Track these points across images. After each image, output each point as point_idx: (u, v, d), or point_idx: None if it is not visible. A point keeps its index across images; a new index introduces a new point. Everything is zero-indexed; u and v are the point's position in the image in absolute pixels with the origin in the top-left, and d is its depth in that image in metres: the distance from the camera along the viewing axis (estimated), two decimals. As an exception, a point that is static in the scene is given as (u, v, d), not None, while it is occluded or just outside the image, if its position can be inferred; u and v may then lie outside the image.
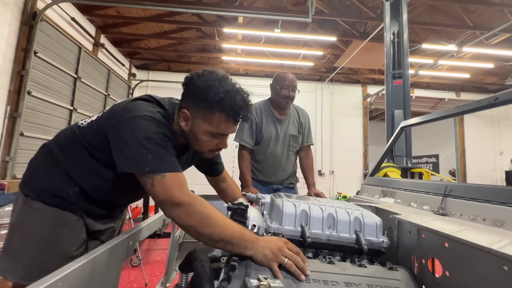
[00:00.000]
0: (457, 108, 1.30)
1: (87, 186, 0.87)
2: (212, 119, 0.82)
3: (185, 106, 0.85)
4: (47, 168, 0.86)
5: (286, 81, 1.75)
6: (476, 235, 0.64)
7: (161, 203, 0.72)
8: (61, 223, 0.84)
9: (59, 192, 0.84)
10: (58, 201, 0.84)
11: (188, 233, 0.74)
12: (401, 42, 2.69)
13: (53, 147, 0.89)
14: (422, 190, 1.19)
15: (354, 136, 7.03)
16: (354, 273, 0.69)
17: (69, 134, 0.89)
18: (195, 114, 0.83)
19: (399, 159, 2.44)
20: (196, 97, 0.82)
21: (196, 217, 0.70)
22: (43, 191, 0.84)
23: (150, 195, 0.75)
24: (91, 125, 0.89)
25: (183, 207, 0.70)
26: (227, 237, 0.69)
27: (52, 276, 0.39)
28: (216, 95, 0.79)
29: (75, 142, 0.87)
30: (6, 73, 3.02)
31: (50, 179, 0.85)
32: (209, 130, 0.83)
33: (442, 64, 5.84)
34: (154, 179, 0.71)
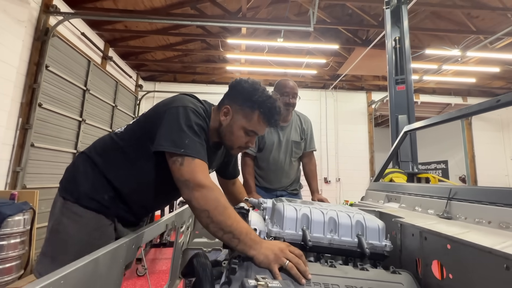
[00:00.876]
0: (460, 111, 1.30)
1: (123, 189, 0.91)
2: (251, 117, 0.95)
3: (228, 103, 0.97)
4: (85, 173, 0.91)
5: (287, 88, 1.78)
6: (479, 236, 0.64)
7: (184, 183, 0.76)
8: (95, 226, 0.88)
9: (96, 196, 0.88)
10: (95, 204, 0.88)
11: (199, 219, 0.76)
12: (402, 47, 2.71)
13: (91, 153, 0.94)
14: (427, 194, 1.18)
15: (360, 143, 6.98)
16: (355, 276, 0.68)
17: (107, 140, 0.96)
18: (237, 110, 0.96)
19: (405, 164, 2.41)
20: (242, 96, 0.95)
21: (213, 203, 0.74)
22: (81, 195, 0.88)
23: (174, 175, 0.79)
24: (130, 127, 0.96)
25: (203, 190, 0.75)
26: (236, 230, 0.71)
27: (55, 274, 0.40)
28: (260, 97, 0.93)
29: (113, 147, 0.93)
30: (19, 87, 3.14)
31: (88, 183, 0.89)
32: (246, 126, 0.95)
33: (447, 69, 5.81)
34: (185, 160, 0.78)
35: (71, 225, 0.86)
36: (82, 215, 0.87)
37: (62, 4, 3.76)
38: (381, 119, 8.05)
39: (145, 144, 0.88)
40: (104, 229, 0.90)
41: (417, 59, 5.35)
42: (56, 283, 0.40)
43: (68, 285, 0.42)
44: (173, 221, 1.04)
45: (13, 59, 2.95)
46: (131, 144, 0.92)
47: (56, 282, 0.40)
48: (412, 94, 2.58)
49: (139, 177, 0.92)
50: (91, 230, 0.87)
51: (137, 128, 0.94)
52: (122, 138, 0.94)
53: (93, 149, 0.97)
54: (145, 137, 0.89)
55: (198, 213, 0.76)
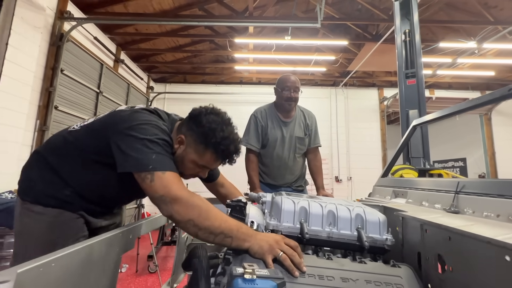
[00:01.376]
0: (470, 102, 1.25)
1: (81, 187, 0.89)
2: (203, 155, 0.91)
3: (184, 132, 0.93)
4: (41, 172, 0.88)
5: (288, 82, 1.77)
6: (483, 229, 0.61)
7: (160, 199, 0.73)
8: (60, 222, 0.85)
9: (56, 193, 0.86)
10: (55, 201, 0.86)
11: (186, 230, 0.74)
12: (413, 40, 2.62)
13: (45, 152, 0.91)
14: (434, 189, 1.14)
15: (372, 141, 6.82)
16: (352, 269, 0.67)
17: (60, 139, 0.93)
18: (190, 143, 0.91)
19: (416, 160, 2.33)
20: (197, 132, 0.90)
21: (195, 211, 0.72)
22: (39, 194, 0.86)
23: (147, 193, 0.76)
24: (87, 129, 0.91)
25: (182, 201, 0.72)
26: (226, 229, 0.69)
27: (46, 256, 0.42)
28: (214, 138, 0.88)
29: (68, 145, 0.90)
30: (36, 90, 3.29)
31: (44, 182, 0.87)
32: (196, 161, 0.92)
33: (463, 63, 5.58)
34: (155, 175, 0.75)
35: (33, 224, 0.84)
36: (44, 212, 0.84)
37: (75, 10, 3.90)
38: (394, 116, 7.83)
39: (104, 152, 0.84)
40: (71, 224, 0.87)
41: (431, 53, 5.17)
42: (47, 265, 0.41)
43: (59, 268, 0.44)
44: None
45: (31, 64, 3.09)
46: (87, 146, 0.88)
47: (47, 264, 0.41)
48: (423, 88, 2.50)
49: (97, 175, 0.89)
50: (54, 227, 0.85)
51: (95, 133, 0.89)
52: (77, 137, 0.90)
53: (47, 148, 0.93)
54: (97, 148, 0.86)
55: (183, 226, 0.73)
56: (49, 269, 0.42)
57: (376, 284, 0.62)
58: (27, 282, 0.36)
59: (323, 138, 2.01)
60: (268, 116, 1.84)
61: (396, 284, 0.63)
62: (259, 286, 0.46)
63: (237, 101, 6.67)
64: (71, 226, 0.87)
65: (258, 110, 1.88)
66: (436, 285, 0.65)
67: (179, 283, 1.20)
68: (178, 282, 1.20)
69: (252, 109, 1.94)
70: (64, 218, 0.86)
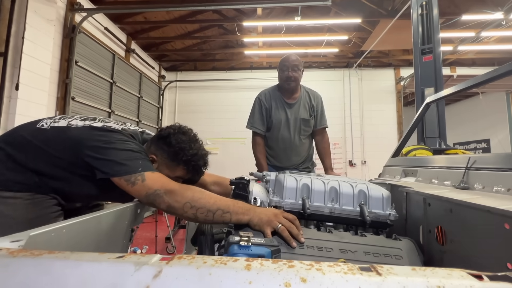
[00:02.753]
0: (490, 74, 1.17)
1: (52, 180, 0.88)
2: (175, 170, 0.98)
3: (154, 152, 0.98)
4: (5, 164, 0.86)
5: (286, 61, 1.74)
6: (486, 200, 0.59)
7: (154, 194, 0.76)
8: (35, 202, 0.85)
9: (25, 180, 0.85)
10: (26, 187, 0.85)
11: (185, 216, 0.77)
12: (430, 14, 2.46)
13: (7, 147, 0.88)
14: (444, 166, 1.10)
15: (387, 123, 6.61)
16: (352, 241, 0.68)
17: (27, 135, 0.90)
18: (162, 161, 0.97)
19: (431, 141, 2.25)
20: (167, 152, 0.97)
21: (189, 193, 0.77)
22: (8, 182, 0.84)
23: (139, 193, 0.77)
24: (59, 133, 0.89)
25: (176, 190, 0.77)
26: (222, 205, 0.73)
27: (59, 223, 0.46)
28: (184, 156, 0.95)
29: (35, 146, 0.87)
30: (54, 82, 3.42)
31: (11, 170, 0.85)
32: (170, 175, 0.94)
33: (488, 36, 5.18)
34: (145, 175, 0.79)
35: (5, 208, 0.82)
36: (15, 196, 0.83)
37: (85, 1, 3.95)
38: (411, 98, 7.49)
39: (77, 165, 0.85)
40: (45, 203, 0.87)
41: (453, 27, 4.82)
42: (58, 231, 0.45)
43: (69, 234, 0.48)
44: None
45: (46, 57, 3.20)
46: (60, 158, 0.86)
47: (59, 230, 0.45)
48: (441, 64, 2.36)
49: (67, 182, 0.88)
50: (30, 207, 0.84)
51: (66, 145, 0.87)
52: (47, 141, 0.88)
53: (12, 139, 0.90)
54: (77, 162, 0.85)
55: (181, 211, 0.76)
56: (60, 234, 0.46)
57: (375, 255, 0.63)
58: (39, 243, 0.40)
59: (336, 122, 1.99)
60: (272, 98, 1.82)
61: (396, 255, 0.64)
62: (253, 252, 0.49)
63: (248, 87, 6.61)
64: (47, 206, 0.87)
65: (262, 93, 1.88)
66: (437, 257, 0.65)
67: (191, 259, 1.26)
68: (190, 258, 1.27)
69: (263, 94, 1.93)
70: (38, 199, 0.86)
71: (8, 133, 0.96)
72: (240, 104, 6.41)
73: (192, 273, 0.26)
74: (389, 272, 0.25)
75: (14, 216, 0.82)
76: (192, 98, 6.82)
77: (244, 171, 1.35)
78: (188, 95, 6.88)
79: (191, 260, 0.28)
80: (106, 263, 0.28)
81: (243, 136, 6.23)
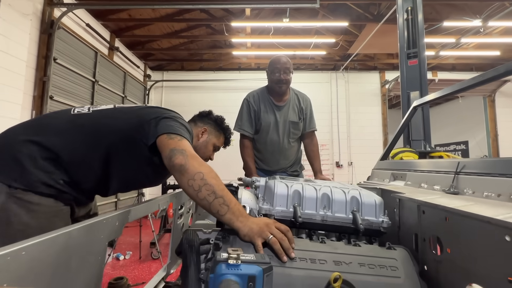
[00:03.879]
0: (474, 79, 1.19)
1: (80, 170, 0.89)
2: (219, 138, 1.30)
3: (203, 125, 1.26)
4: (31, 157, 0.83)
5: (277, 64, 1.70)
6: (482, 208, 0.58)
7: (180, 151, 0.81)
8: (55, 211, 0.85)
9: (51, 181, 0.84)
10: (51, 190, 0.84)
11: (191, 183, 0.74)
12: (415, 19, 2.51)
13: (37, 135, 0.87)
14: (433, 170, 1.11)
15: (373, 125, 6.75)
16: (346, 252, 0.65)
17: (65, 122, 0.92)
18: (211, 130, 1.27)
19: (417, 143, 2.29)
20: (214, 123, 1.29)
21: (207, 168, 0.78)
22: (33, 181, 0.82)
23: (170, 146, 0.83)
24: (111, 113, 0.99)
25: (198, 159, 0.81)
26: (226, 197, 0.72)
27: (15, 244, 0.39)
28: (225, 126, 1.32)
29: (77, 127, 0.91)
30: (30, 80, 3.23)
31: (37, 168, 0.83)
32: (215, 143, 1.27)
33: (467, 43, 5.40)
34: (183, 140, 0.88)
35: (27, 215, 0.80)
36: (40, 202, 0.82)
37: (65, -5, 3.76)
38: (395, 100, 7.70)
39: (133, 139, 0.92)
40: (62, 215, 0.88)
41: (435, 32, 4.99)
42: (16, 254, 0.39)
43: (31, 257, 0.41)
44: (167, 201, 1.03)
45: (22, 53, 3.01)
46: (112, 133, 0.92)
47: (17, 253, 0.39)
48: (425, 68, 2.41)
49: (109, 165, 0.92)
50: (50, 217, 0.83)
51: (123, 121, 0.95)
52: (93, 124, 0.93)
53: (42, 129, 0.90)
54: (134, 133, 0.93)
55: (191, 175, 0.75)
56: (19, 257, 0.39)
57: (370, 267, 0.60)
58: (-10, 272, 0.34)
59: (323, 123, 1.98)
60: (260, 100, 1.78)
61: (391, 266, 0.61)
62: (243, 271, 0.44)
63: (236, 88, 6.55)
64: (64, 217, 0.88)
65: (251, 94, 1.83)
66: (433, 267, 0.63)
67: (175, 269, 1.20)
68: (174, 268, 1.21)
69: (252, 96, 1.88)
70: (59, 208, 0.87)
71: (34, 124, 0.96)
72: (228, 105, 6.30)
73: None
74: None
75: (33, 225, 0.80)
76: (179, 98, 6.68)
77: (231, 174, 1.33)
78: (174, 95, 6.73)
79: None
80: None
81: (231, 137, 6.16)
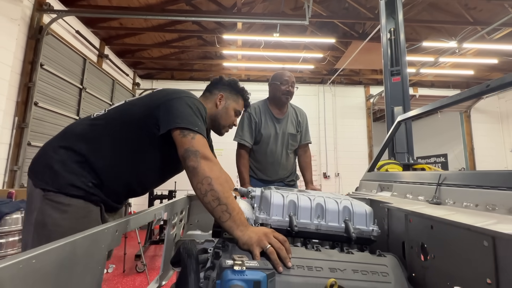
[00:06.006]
0: (451, 98, 1.29)
1: (108, 172, 0.91)
2: (238, 101, 1.25)
3: (219, 91, 1.21)
4: (62, 162, 0.88)
5: (285, 76, 1.80)
6: (462, 217, 0.63)
7: (193, 152, 0.84)
8: (84, 213, 0.87)
9: (80, 184, 0.87)
10: (80, 192, 0.87)
11: (199, 186, 0.78)
12: (397, 39, 2.69)
13: (67, 142, 0.92)
14: (418, 182, 1.18)
15: (359, 138, 6.97)
16: (340, 259, 0.68)
17: (85, 126, 0.96)
18: (228, 96, 1.23)
19: (401, 156, 2.40)
20: (230, 87, 1.24)
21: (216, 173, 0.81)
22: (63, 184, 0.86)
23: (184, 145, 0.85)
24: (125, 106, 1.00)
25: (210, 162, 0.83)
26: (230, 205, 0.74)
27: (27, 252, 0.40)
28: (241, 87, 1.27)
29: (97, 129, 0.94)
30: (14, 86, 3.13)
31: (67, 171, 0.87)
32: (236, 107, 1.24)
33: (445, 62, 5.78)
34: (197, 135, 0.88)
35: (59, 215, 0.84)
36: (70, 203, 0.85)
37: (56, 2, 3.73)
38: (380, 114, 8.02)
39: (146, 128, 0.93)
40: (92, 216, 0.89)
41: (415, 51, 5.32)
42: (27, 262, 0.40)
43: (40, 265, 0.42)
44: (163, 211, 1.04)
45: (7, 58, 2.94)
46: (126, 127, 0.93)
47: (28, 261, 0.40)
48: (408, 85, 2.57)
49: (135, 161, 0.94)
50: (80, 217, 0.86)
51: (134, 112, 0.96)
52: (108, 118, 0.96)
53: (67, 136, 0.95)
54: (146, 122, 0.93)
55: (200, 179, 0.79)
56: (30, 266, 0.40)
57: (363, 273, 0.64)
58: (5, 279, 0.35)
59: (311, 135, 2.05)
60: (262, 112, 1.85)
61: (382, 272, 0.65)
62: (249, 277, 0.46)
63: (226, 98, 6.60)
64: (94, 219, 0.90)
65: (252, 106, 1.89)
66: (419, 273, 0.68)
67: (167, 281, 1.18)
68: (166, 279, 1.19)
69: (241, 106, 1.94)
70: (89, 209, 0.89)
71: (63, 132, 0.99)
72: (218, 115, 6.36)
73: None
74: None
75: (64, 225, 0.83)
76: (168, 107, 6.63)
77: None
78: (163, 104, 6.68)
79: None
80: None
81: (220, 147, 6.15)
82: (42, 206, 0.85)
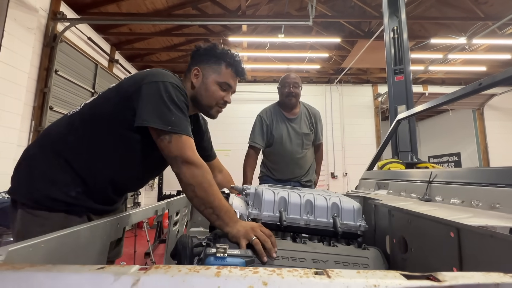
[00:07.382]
0: (446, 97, 1.30)
1: (92, 172, 0.85)
2: (220, 70, 1.00)
3: (195, 65, 1.01)
4: (43, 169, 0.83)
5: (287, 79, 1.87)
6: (440, 212, 0.66)
7: (173, 159, 0.80)
8: (65, 226, 0.78)
9: (60, 195, 0.81)
10: (58, 204, 0.81)
11: (185, 192, 0.81)
12: (400, 37, 2.68)
13: (46, 145, 0.86)
14: (411, 179, 1.20)
15: (367, 137, 6.90)
16: (323, 251, 0.72)
17: (62, 127, 0.88)
18: (205, 68, 1.00)
19: (404, 154, 2.40)
20: (206, 55, 1.00)
21: (198, 179, 0.79)
22: (40, 197, 0.80)
23: (164, 152, 0.81)
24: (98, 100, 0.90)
25: (191, 167, 0.79)
26: (216, 207, 0.77)
27: (36, 238, 0.47)
28: (221, 51, 1.00)
29: (75, 126, 0.86)
30: (31, 91, 3.31)
31: (45, 181, 0.82)
32: (217, 79, 1.00)
33: (455, 58, 5.65)
34: (172, 137, 0.80)
35: (39, 229, 0.76)
36: (47, 217, 0.79)
37: (69, 11, 3.91)
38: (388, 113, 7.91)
39: (123, 118, 0.84)
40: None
41: (423, 49, 5.23)
42: (36, 246, 0.46)
43: (47, 249, 0.49)
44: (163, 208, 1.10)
45: (24, 65, 3.11)
46: (103, 121, 0.85)
47: (37, 245, 0.46)
48: (411, 84, 2.55)
49: (116, 155, 0.87)
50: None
51: (108, 104, 0.87)
52: (84, 115, 0.87)
53: (45, 140, 0.88)
54: (123, 111, 0.84)
55: (184, 186, 0.81)
56: (38, 250, 0.47)
57: (344, 265, 0.68)
58: (17, 258, 0.41)
59: (319, 135, 2.10)
60: (273, 115, 1.94)
61: (363, 264, 0.69)
62: (229, 262, 0.52)
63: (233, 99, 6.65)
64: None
65: (264, 111, 1.99)
66: (400, 265, 0.71)
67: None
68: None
69: (248, 107, 2.03)
70: (71, 221, 0.80)
71: (41, 135, 0.92)
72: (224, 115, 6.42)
73: (167, 281, 0.30)
74: (337, 275, 0.29)
75: None
76: (177, 109, 6.78)
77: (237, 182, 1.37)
78: (172, 106, 6.83)
79: (167, 269, 0.31)
80: (87, 274, 0.30)
81: (227, 148, 6.24)
82: (21, 218, 0.81)
